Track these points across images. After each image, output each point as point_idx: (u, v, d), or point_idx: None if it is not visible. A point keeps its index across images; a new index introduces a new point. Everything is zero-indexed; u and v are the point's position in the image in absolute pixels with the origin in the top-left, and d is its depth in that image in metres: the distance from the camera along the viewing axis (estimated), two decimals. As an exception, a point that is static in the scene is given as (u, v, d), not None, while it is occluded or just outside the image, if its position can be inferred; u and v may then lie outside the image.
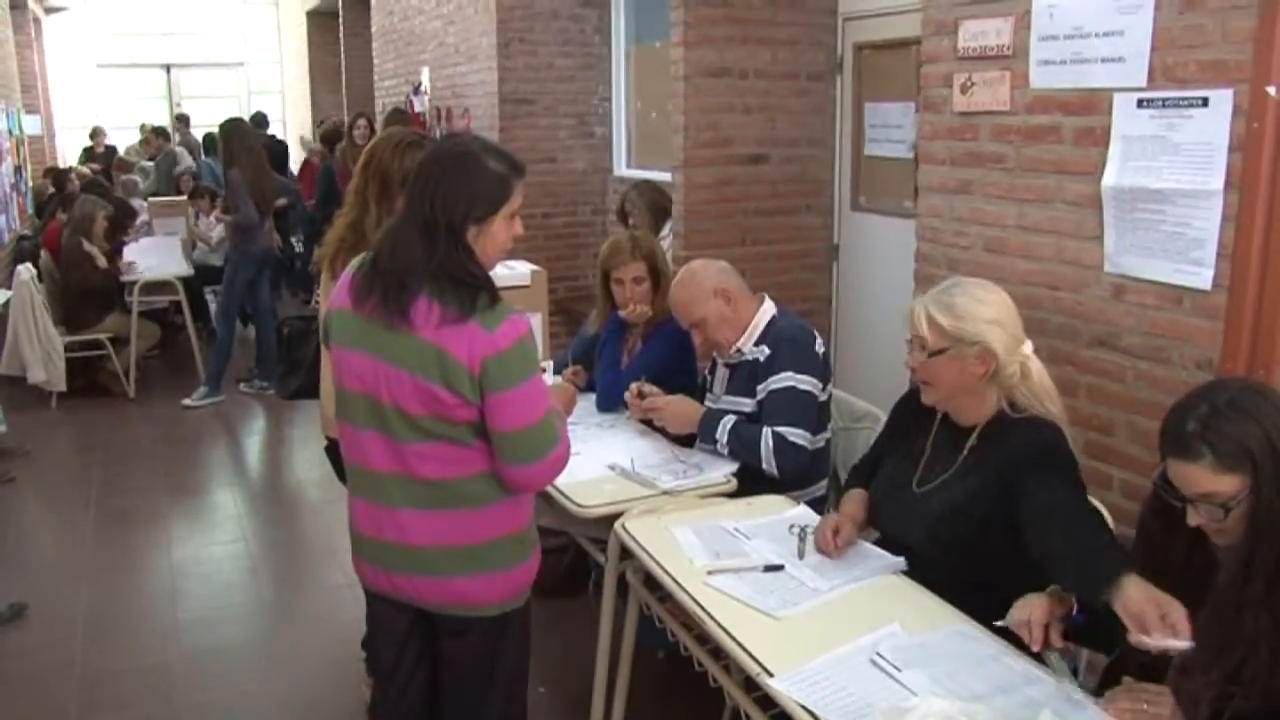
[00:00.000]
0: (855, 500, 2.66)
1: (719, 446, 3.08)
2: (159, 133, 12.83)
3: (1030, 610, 2.02)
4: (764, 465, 2.99)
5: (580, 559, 4.03)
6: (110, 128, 14.00)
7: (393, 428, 2.12)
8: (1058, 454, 2.33)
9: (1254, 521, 1.79)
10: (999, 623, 2.05)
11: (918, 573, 2.39)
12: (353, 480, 2.28)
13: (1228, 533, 1.84)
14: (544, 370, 2.32)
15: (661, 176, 5.61)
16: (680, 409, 3.19)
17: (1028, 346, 2.44)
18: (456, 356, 2.04)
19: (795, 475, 3.01)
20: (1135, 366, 2.79)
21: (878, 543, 2.54)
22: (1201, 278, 2.57)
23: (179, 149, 11.37)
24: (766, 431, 3.00)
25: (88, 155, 12.73)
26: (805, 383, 3.04)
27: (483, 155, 2.14)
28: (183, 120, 13.56)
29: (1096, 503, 2.41)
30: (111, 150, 12.93)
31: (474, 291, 2.07)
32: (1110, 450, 2.86)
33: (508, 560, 2.24)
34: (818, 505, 3.03)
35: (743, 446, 3.04)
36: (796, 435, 2.99)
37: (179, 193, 9.27)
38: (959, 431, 2.48)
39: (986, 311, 2.39)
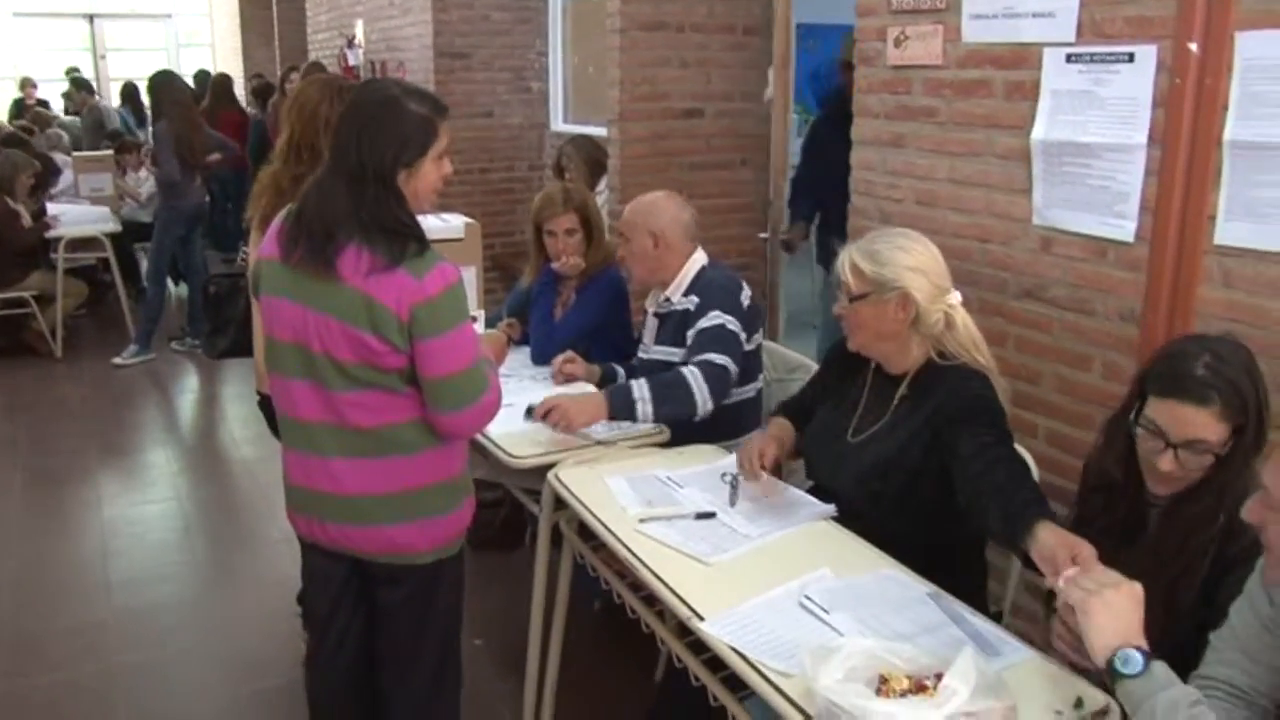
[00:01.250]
0: (781, 425, 2.70)
1: (639, 410, 2.89)
2: (81, 85, 12.46)
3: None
4: (696, 400, 2.89)
5: (516, 512, 4.04)
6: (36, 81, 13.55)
7: (324, 376, 2.12)
8: (984, 403, 2.36)
9: (1214, 471, 1.85)
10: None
11: (849, 522, 2.42)
12: (285, 431, 2.27)
13: (1181, 480, 1.90)
14: (474, 320, 2.31)
15: (598, 131, 5.59)
16: (579, 403, 2.90)
17: (954, 297, 2.47)
18: (385, 304, 2.03)
19: (720, 398, 2.94)
20: (1062, 318, 2.84)
21: (810, 491, 2.57)
22: (1125, 230, 2.62)
23: (105, 104, 11.07)
24: (689, 367, 2.95)
25: (17, 108, 12.33)
26: (733, 324, 3.04)
27: (404, 99, 2.12)
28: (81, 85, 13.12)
29: (1023, 451, 2.47)
30: (44, 103, 12.56)
31: (403, 240, 2.06)
32: (1036, 400, 2.92)
33: (441, 507, 2.25)
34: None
35: (666, 391, 2.90)
36: (720, 359, 2.95)
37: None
38: (890, 381, 2.52)
39: (908, 259, 2.42)
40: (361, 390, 2.11)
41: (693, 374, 2.92)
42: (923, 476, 2.37)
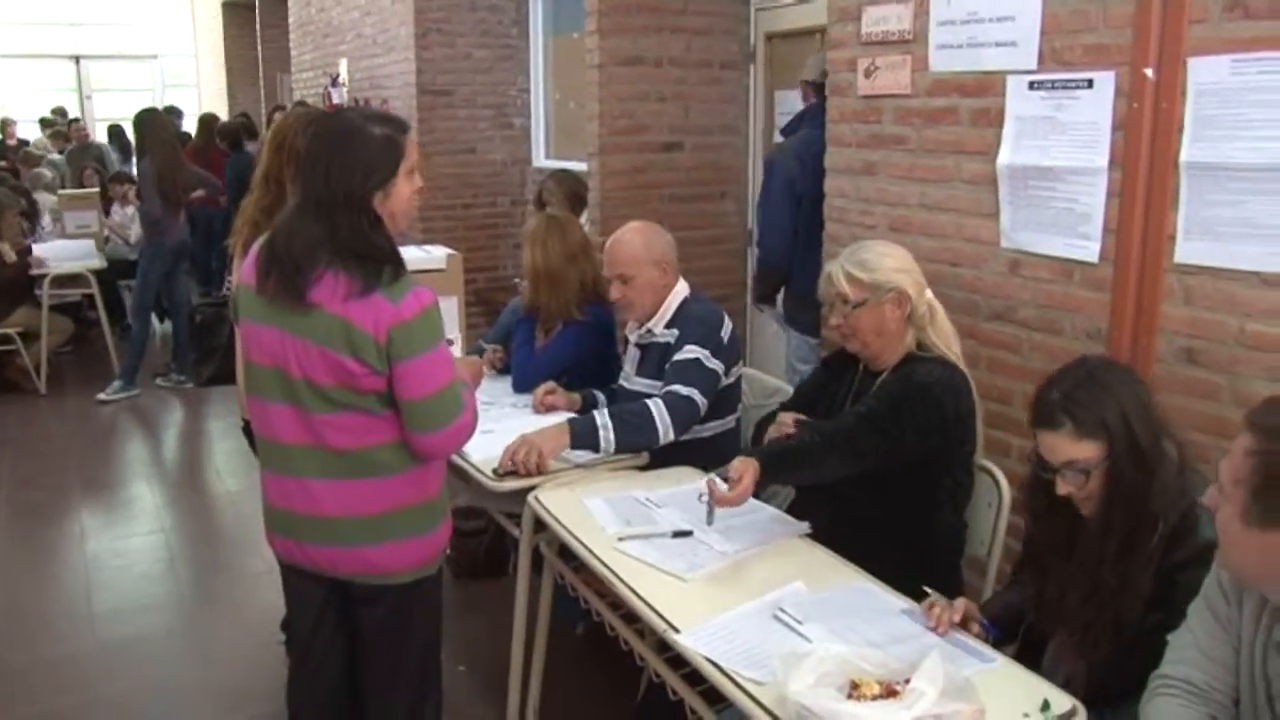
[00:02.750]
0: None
1: (601, 439, 2.88)
2: (72, 124, 12.52)
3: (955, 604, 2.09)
4: (658, 430, 2.92)
5: (499, 541, 4.07)
6: (19, 120, 13.61)
7: (303, 399, 2.15)
8: (920, 390, 2.51)
9: (1109, 486, 1.94)
10: (926, 589, 2.13)
11: (832, 509, 2.54)
12: (264, 453, 2.30)
13: (1091, 499, 1.98)
14: (451, 343, 2.36)
15: (580, 167, 5.66)
16: (543, 435, 2.87)
17: (929, 292, 2.64)
18: (362, 327, 2.08)
19: (683, 429, 2.98)
20: (1031, 338, 2.91)
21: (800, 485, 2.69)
22: (1089, 251, 2.70)
23: (104, 145, 11.10)
24: (654, 399, 2.98)
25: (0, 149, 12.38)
26: (710, 360, 3.05)
27: (366, 125, 2.16)
28: (59, 114, 13.20)
29: (994, 468, 2.56)
30: (24, 143, 12.59)
31: (378, 266, 2.11)
32: (1009, 419, 2.97)
33: (419, 527, 2.28)
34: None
35: (628, 420, 2.92)
36: (689, 391, 2.98)
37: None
38: (872, 376, 2.67)
39: (891, 261, 2.61)
40: (340, 413, 2.15)
41: (656, 405, 2.96)
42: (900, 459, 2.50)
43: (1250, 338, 2.38)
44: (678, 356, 3.08)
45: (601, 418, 2.92)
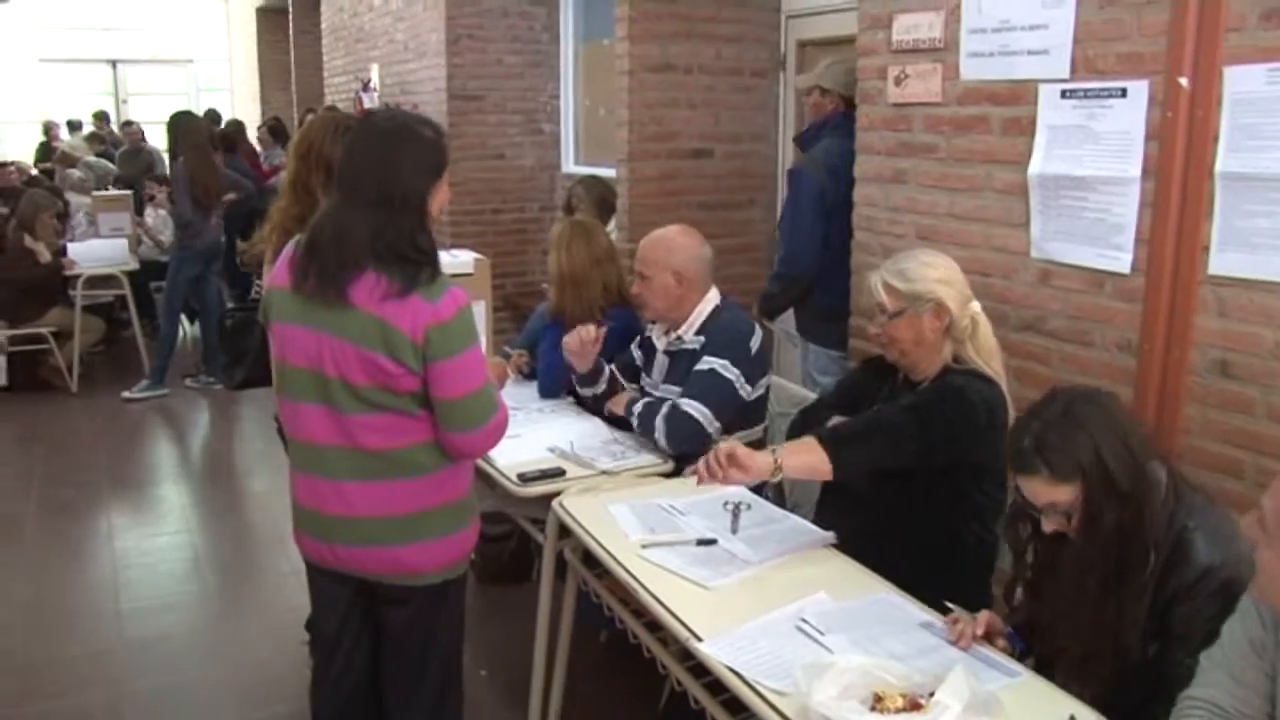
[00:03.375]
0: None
1: (634, 421, 3.14)
2: (125, 127, 12.62)
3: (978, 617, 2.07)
4: (657, 435, 3.03)
5: (524, 546, 4.07)
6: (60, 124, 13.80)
7: (337, 400, 2.16)
8: (959, 396, 2.49)
9: (1087, 525, 1.91)
10: (948, 604, 2.13)
11: (863, 517, 2.53)
12: (295, 455, 2.31)
13: (1075, 531, 1.95)
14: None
15: (609, 173, 5.66)
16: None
17: (975, 305, 2.61)
18: (400, 327, 2.09)
19: (684, 446, 3.00)
20: (1061, 349, 2.88)
21: (830, 488, 2.69)
22: (1121, 262, 2.67)
23: (153, 147, 11.17)
24: (667, 404, 3.05)
25: (43, 152, 12.53)
26: (730, 371, 3.06)
27: (416, 126, 2.22)
28: (102, 118, 13.35)
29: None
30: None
31: (417, 267, 2.12)
32: (1037, 431, 2.94)
33: (449, 528, 2.29)
34: (753, 491, 3.07)
35: (643, 420, 3.10)
36: (693, 407, 3.01)
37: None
38: (910, 385, 2.65)
39: (934, 273, 2.59)
40: (375, 413, 2.16)
41: (662, 412, 3.04)
42: (931, 471, 2.50)
43: (1286, 351, 2.34)
44: (697, 366, 3.10)
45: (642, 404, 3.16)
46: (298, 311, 2.18)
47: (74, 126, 13.01)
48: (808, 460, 2.43)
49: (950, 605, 2.09)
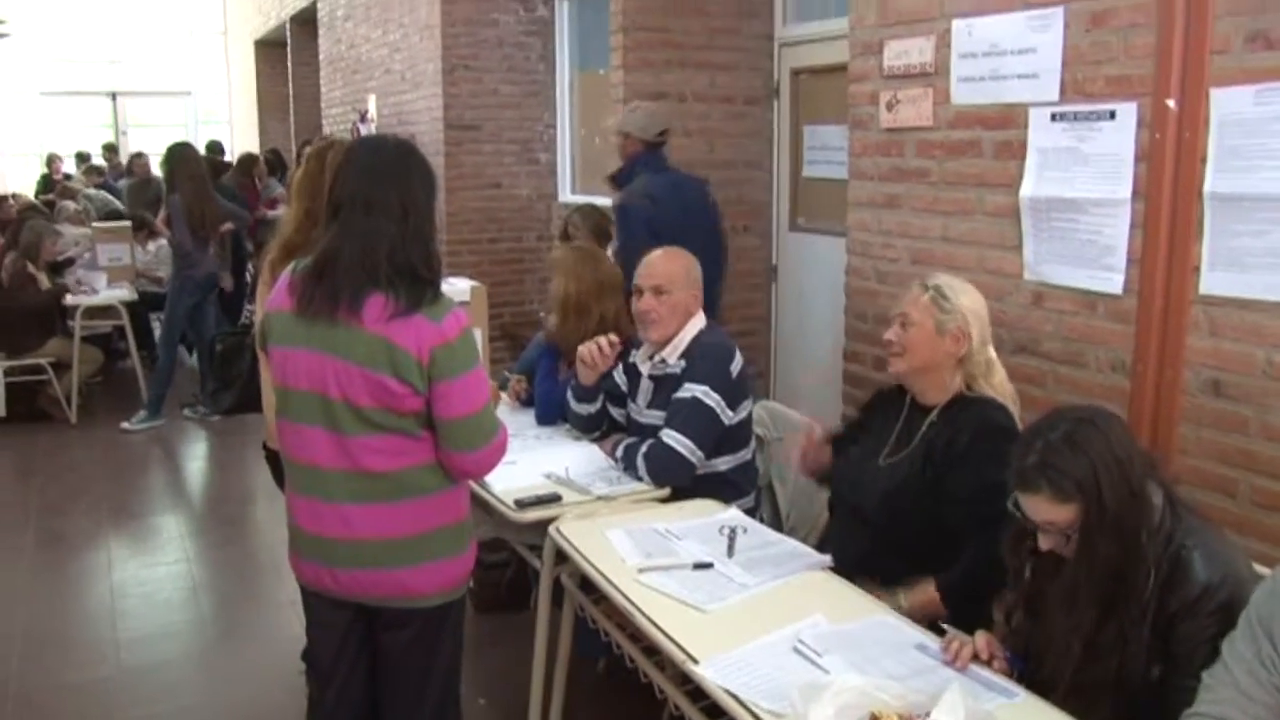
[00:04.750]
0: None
1: (621, 467, 3.11)
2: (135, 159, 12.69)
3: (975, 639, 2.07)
4: (641, 475, 3.02)
5: (521, 574, 4.05)
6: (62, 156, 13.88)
7: (340, 422, 2.17)
8: (992, 437, 2.46)
9: (1081, 547, 1.92)
10: (943, 624, 2.13)
11: (874, 541, 2.56)
12: (295, 478, 2.31)
13: (1069, 548, 1.95)
14: None
15: (605, 202, 5.68)
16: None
17: (993, 350, 2.64)
18: (405, 347, 2.11)
19: (668, 479, 3.00)
20: (1055, 371, 2.89)
21: (839, 511, 2.72)
22: (1113, 283, 2.69)
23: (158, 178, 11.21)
24: (648, 442, 3.04)
25: (45, 183, 12.59)
26: (710, 398, 3.04)
27: (415, 148, 2.28)
28: (111, 150, 13.43)
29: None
30: (68, 177, 12.82)
31: (424, 287, 2.15)
32: (1032, 453, 2.95)
33: (448, 550, 2.30)
34: (748, 516, 3.07)
35: (626, 460, 3.09)
36: (676, 439, 3.00)
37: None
38: (922, 411, 2.65)
39: (968, 301, 2.60)
40: (378, 435, 2.17)
41: (644, 454, 3.02)
42: (943, 500, 2.50)
43: (1278, 369, 2.35)
44: (679, 394, 3.08)
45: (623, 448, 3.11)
46: (300, 334, 2.19)
47: (83, 158, 13.06)
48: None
49: (945, 626, 2.09)
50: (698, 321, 3.22)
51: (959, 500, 2.46)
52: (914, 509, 2.54)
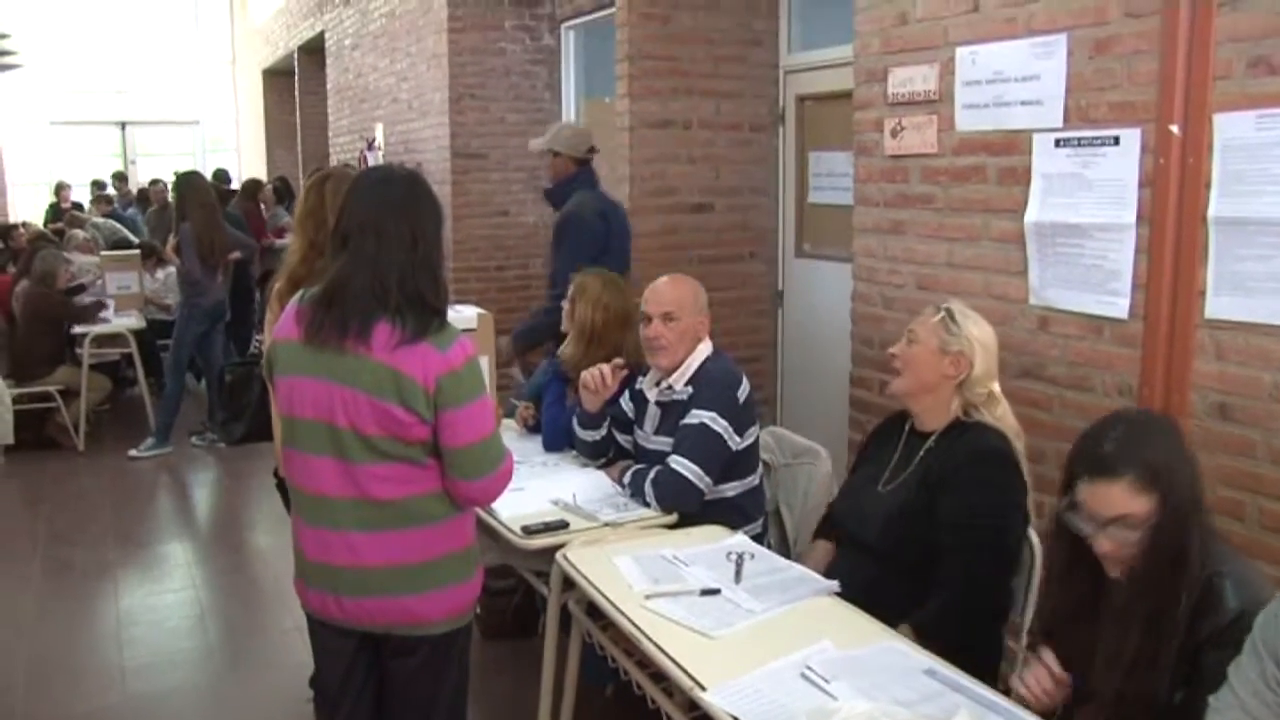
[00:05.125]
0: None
1: (629, 494, 3.12)
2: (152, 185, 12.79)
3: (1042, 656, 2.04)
4: (649, 501, 3.02)
5: (528, 601, 4.05)
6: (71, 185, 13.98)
7: (348, 451, 2.18)
8: (985, 461, 2.50)
9: (1152, 543, 1.86)
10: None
11: (876, 567, 2.57)
12: (302, 508, 2.32)
13: (1127, 560, 1.90)
14: None
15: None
16: None
17: (997, 385, 2.66)
18: (412, 376, 2.12)
19: (676, 505, 3.00)
20: (1061, 395, 2.89)
21: (844, 542, 2.73)
22: (1119, 307, 2.69)
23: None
24: (655, 468, 3.05)
25: (54, 212, 12.68)
26: (718, 424, 3.04)
27: (422, 179, 2.32)
28: (121, 178, 13.52)
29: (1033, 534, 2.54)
30: (78, 206, 12.93)
31: (431, 315, 2.17)
32: (1041, 478, 2.93)
33: (455, 577, 2.31)
34: (755, 541, 3.05)
35: (634, 486, 3.09)
36: (683, 466, 3.00)
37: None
38: (920, 437, 2.67)
39: (978, 331, 2.64)
40: (385, 463, 2.19)
41: (652, 480, 3.03)
42: (934, 524, 2.53)
43: (1284, 393, 2.36)
44: (686, 420, 3.09)
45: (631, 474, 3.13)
46: (307, 363, 2.20)
47: (99, 186, 13.17)
48: None
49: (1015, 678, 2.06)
50: (705, 348, 3.23)
51: (943, 524, 2.49)
52: (914, 534, 2.55)
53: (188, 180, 7.08)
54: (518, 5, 7.12)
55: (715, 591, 2.43)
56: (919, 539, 2.54)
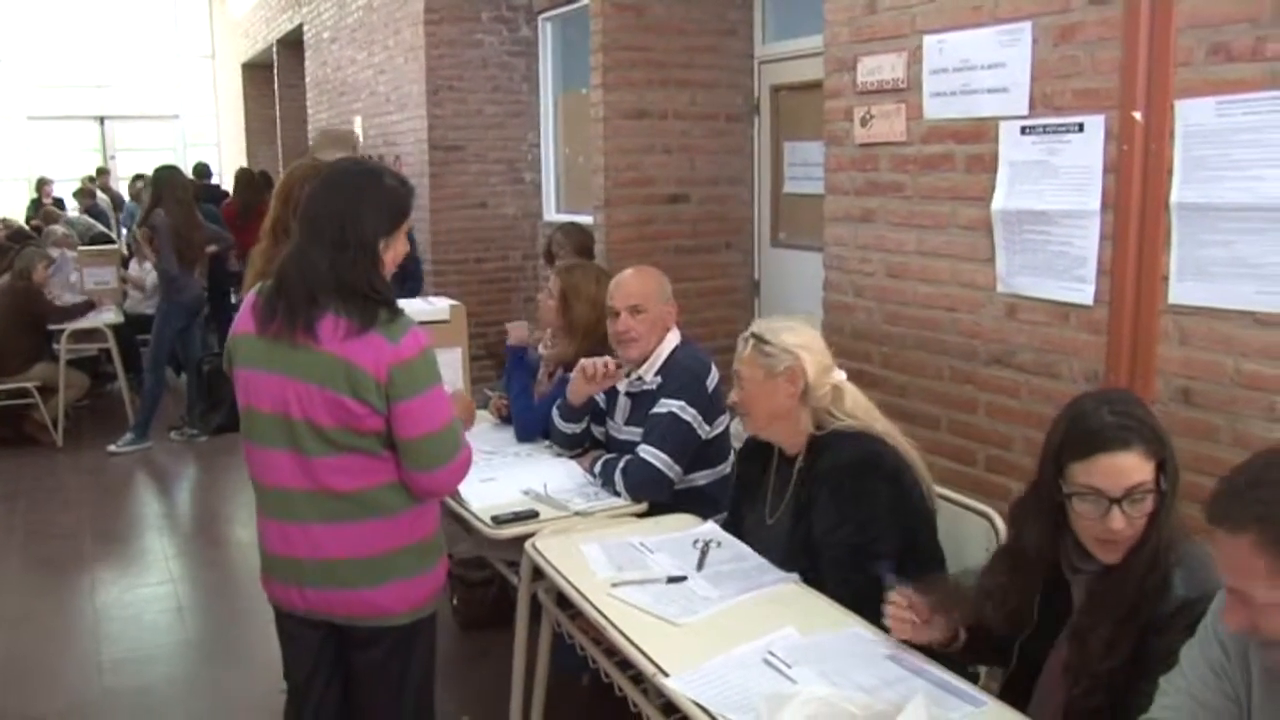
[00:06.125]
0: None
1: (599, 483, 3.11)
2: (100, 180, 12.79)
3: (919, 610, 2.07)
4: (619, 490, 3.02)
5: (505, 591, 4.04)
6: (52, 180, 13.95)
7: (303, 443, 2.18)
8: (840, 476, 2.44)
9: (1157, 513, 1.85)
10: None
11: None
12: (263, 500, 2.32)
13: (1125, 542, 1.87)
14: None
15: (588, 220, 5.71)
16: None
17: (839, 374, 2.58)
18: (363, 367, 2.11)
19: (646, 495, 3.01)
20: (1029, 382, 2.90)
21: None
22: (1084, 294, 2.70)
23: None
24: (623, 463, 3.05)
25: (35, 208, 12.63)
26: (687, 413, 3.06)
27: (383, 175, 2.26)
28: (102, 173, 13.50)
29: (990, 510, 2.53)
30: (59, 202, 12.89)
31: (376, 305, 2.16)
32: (1009, 464, 2.96)
33: (416, 568, 2.30)
34: (726, 529, 3.06)
35: (605, 476, 3.09)
36: (653, 455, 3.01)
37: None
38: (787, 461, 2.62)
39: (793, 338, 2.55)
40: (340, 455, 2.18)
41: (621, 470, 3.03)
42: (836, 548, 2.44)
43: (1247, 377, 2.37)
44: (655, 409, 3.10)
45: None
46: (262, 356, 2.20)
47: (90, 179, 13.16)
48: None
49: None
50: (673, 337, 3.23)
51: (821, 543, 2.42)
52: (815, 567, 2.46)
53: (165, 176, 7.05)
54: (495, -4, 7.11)
55: (681, 579, 2.43)
56: (825, 566, 2.45)
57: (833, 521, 2.43)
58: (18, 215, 12.76)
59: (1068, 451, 1.90)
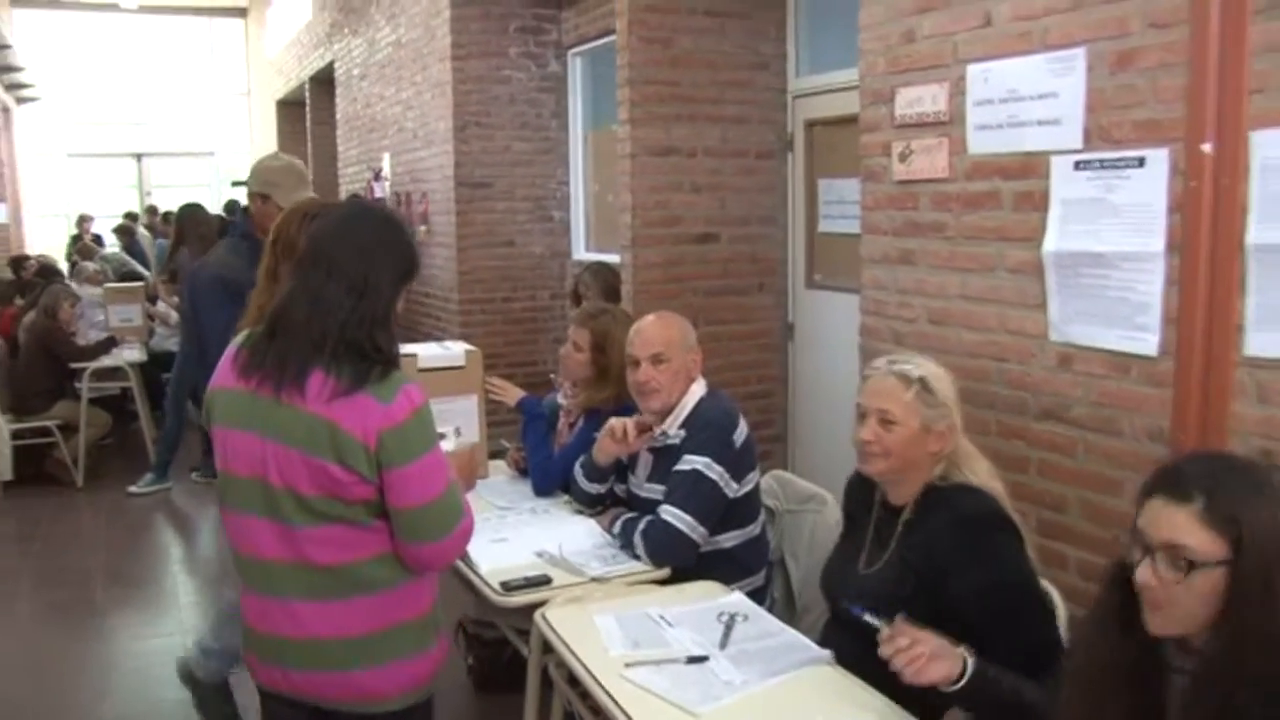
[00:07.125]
0: None
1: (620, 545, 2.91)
2: (132, 218, 12.87)
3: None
4: (640, 554, 2.81)
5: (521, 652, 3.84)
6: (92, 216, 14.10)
7: (284, 513, 1.98)
8: (978, 529, 2.21)
9: (1228, 607, 1.54)
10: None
11: (867, 646, 2.21)
12: (242, 572, 2.13)
13: (1170, 606, 1.58)
14: (443, 438, 2.18)
15: (616, 259, 5.55)
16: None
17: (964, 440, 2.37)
18: (350, 431, 1.92)
19: (669, 560, 2.80)
20: (1085, 439, 2.67)
21: (832, 613, 2.46)
22: (1147, 344, 2.47)
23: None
24: (646, 519, 2.85)
25: (75, 243, 12.73)
26: (712, 470, 2.85)
27: (402, 224, 2.16)
28: (150, 211, 13.62)
29: (1049, 587, 2.29)
30: (98, 239, 12.98)
31: (370, 364, 1.96)
32: (1063, 528, 2.73)
33: (411, 648, 2.09)
34: (757, 596, 2.85)
35: (624, 537, 2.89)
36: (675, 516, 2.81)
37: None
38: (893, 511, 2.38)
39: (951, 391, 2.34)
40: (325, 525, 1.98)
41: (642, 532, 2.83)
42: (918, 603, 2.19)
43: (1334, 439, 2.13)
44: (678, 466, 2.89)
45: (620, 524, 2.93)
46: (242, 414, 2.01)
47: (130, 218, 13.28)
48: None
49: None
50: (698, 388, 3.03)
51: (967, 604, 2.15)
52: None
53: (187, 213, 7.00)
54: (523, 32, 6.98)
55: (702, 659, 2.22)
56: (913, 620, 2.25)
57: (975, 579, 2.17)
58: (58, 250, 12.91)
59: (1147, 486, 1.65)
